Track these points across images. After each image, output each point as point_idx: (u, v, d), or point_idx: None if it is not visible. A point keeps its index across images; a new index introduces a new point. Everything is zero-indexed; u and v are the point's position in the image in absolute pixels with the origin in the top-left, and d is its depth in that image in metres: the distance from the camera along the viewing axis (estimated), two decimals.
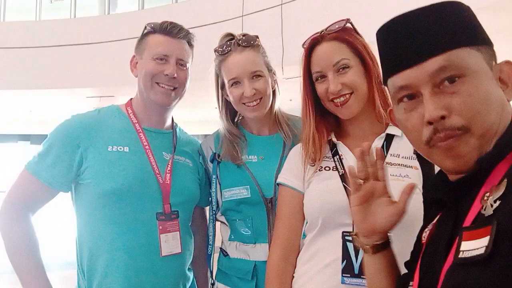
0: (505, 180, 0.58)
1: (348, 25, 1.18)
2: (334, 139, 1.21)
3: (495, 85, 0.66)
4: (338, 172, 1.15)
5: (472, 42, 0.66)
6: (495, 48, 0.69)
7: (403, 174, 1.09)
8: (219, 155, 1.45)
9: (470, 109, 0.63)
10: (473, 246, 0.56)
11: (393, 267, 0.86)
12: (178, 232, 1.36)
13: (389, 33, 0.71)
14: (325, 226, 1.14)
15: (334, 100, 1.15)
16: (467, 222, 0.61)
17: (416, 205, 1.06)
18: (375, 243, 0.84)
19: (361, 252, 1.04)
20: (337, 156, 1.18)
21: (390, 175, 1.07)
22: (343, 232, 1.10)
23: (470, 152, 0.64)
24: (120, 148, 1.34)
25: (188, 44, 1.45)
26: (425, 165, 1.09)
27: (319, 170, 1.19)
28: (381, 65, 0.75)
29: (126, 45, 7.38)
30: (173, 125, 1.52)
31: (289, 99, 1.78)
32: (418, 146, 0.71)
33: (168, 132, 1.48)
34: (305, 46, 1.19)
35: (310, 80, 1.19)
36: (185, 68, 1.43)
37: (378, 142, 1.16)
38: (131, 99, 1.49)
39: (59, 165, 1.30)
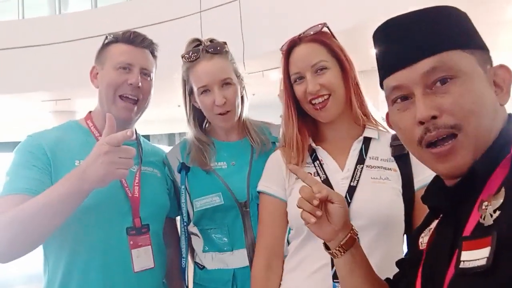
0: (503, 188, 0.59)
1: (325, 29, 1.20)
2: (313, 144, 1.21)
3: (489, 88, 0.67)
4: (320, 178, 1.15)
5: (466, 45, 0.67)
6: None
7: (383, 177, 1.10)
8: (187, 164, 1.42)
9: (462, 109, 0.64)
10: (473, 257, 0.56)
11: (364, 266, 0.87)
12: (150, 246, 1.32)
13: (383, 35, 0.72)
14: (311, 233, 1.14)
15: (312, 102, 1.15)
16: (467, 231, 0.61)
17: (398, 206, 1.08)
18: (341, 242, 0.85)
19: None
20: (317, 161, 1.18)
21: (371, 178, 1.10)
22: None
23: (463, 156, 0.64)
24: None
25: (152, 54, 1.41)
26: (404, 167, 1.11)
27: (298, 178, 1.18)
28: (378, 68, 0.75)
29: (80, 45, 7.14)
30: (137, 136, 1.47)
31: (252, 93, 1.78)
32: (411, 147, 0.71)
33: (132, 143, 1.41)
34: (283, 49, 1.20)
35: (290, 83, 1.20)
36: (149, 79, 1.38)
37: (357, 146, 1.17)
38: (90, 112, 1.43)
39: (34, 172, 1.22)
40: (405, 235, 1.11)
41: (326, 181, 1.14)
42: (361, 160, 1.14)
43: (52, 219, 1.12)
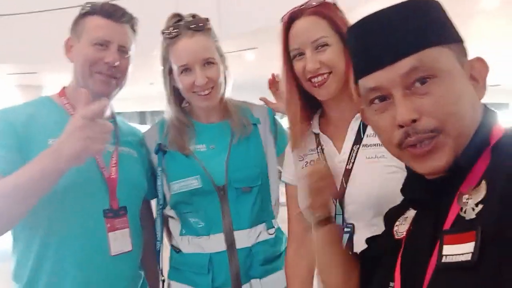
0: (484, 181, 0.58)
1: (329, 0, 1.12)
2: (315, 130, 1.18)
3: (467, 83, 0.65)
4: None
5: (443, 40, 0.64)
6: None
7: (378, 155, 1.06)
8: (164, 146, 1.37)
9: (442, 110, 0.62)
10: (456, 251, 0.56)
11: (338, 241, 0.93)
12: (127, 229, 1.28)
13: (359, 33, 0.69)
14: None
15: (311, 80, 1.10)
16: (447, 224, 0.61)
17: (395, 184, 1.06)
18: (322, 216, 0.92)
19: (344, 243, 1.06)
20: (320, 147, 1.16)
21: (366, 157, 1.07)
22: None
23: (444, 156, 0.63)
24: None
25: (132, 29, 1.34)
26: None
27: (305, 165, 1.17)
28: (352, 65, 0.73)
29: (48, 16, 6.84)
30: (113, 115, 1.41)
31: None
32: (390, 148, 0.70)
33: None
34: (283, 21, 1.13)
35: (289, 58, 1.13)
36: (127, 56, 1.32)
37: (355, 124, 1.13)
38: (64, 87, 1.36)
39: (4, 151, 1.16)
40: None
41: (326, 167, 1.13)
42: (358, 140, 1.11)
43: (24, 201, 1.07)
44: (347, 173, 1.08)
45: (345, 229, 1.07)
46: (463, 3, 4.81)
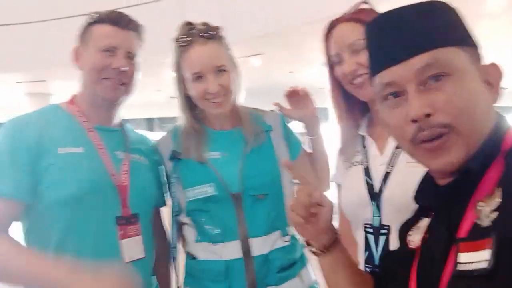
0: (499, 189, 0.58)
1: (365, 5, 1.16)
2: (361, 132, 1.21)
3: (481, 85, 0.66)
4: (363, 166, 1.15)
5: (458, 42, 0.66)
6: None
7: None
8: (178, 153, 1.38)
9: (455, 107, 0.63)
10: (472, 259, 0.56)
11: (348, 266, 0.87)
12: (140, 236, 1.29)
13: (376, 30, 0.70)
14: (354, 222, 1.16)
15: (353, 82, 1.13)
16: (463, 232, 0.60)
17: None
18: (325, 244, 0.85)
19: (380, 244, 1.07)
20: (365, 149, 1.18)
21: (407, 162, 1.06)
22: (364, 224, 1.12)
23: (456, 152, 0.64)
24: (73, 150, 1.23)
25: (137, 36, 1.36)
26: None
27: (350, 167, 1.20)
28: (369, 62, 0.74)
29: (56, 25, 6.92)
30: (121, 122, 1.43)
31: None
32: (403, 144, 0.70)
33: (117, 130, 1.39)
34: (324, 32, 1.18)
35: (332, 66, 1.18)
36: (134, 62, 1.34)
37: None
38: (74, 95, 1.37)
39: (20, 173, 1.17)
40: None
41: (367, 169, 1.14)
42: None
43: (31, 284, 1.15)
44: (386, 175, 1.09)
45: (382, 231, 1.08)
46: (468, 5, 4.79)
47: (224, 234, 1.32)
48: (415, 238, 0.75)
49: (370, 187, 1.11)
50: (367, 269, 1.09)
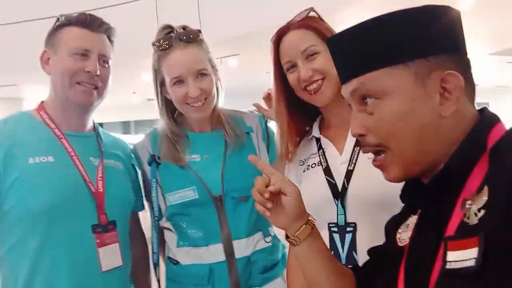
0: (486, 187, 0.58)
1: (313, 13, 1.18)
2: (316, 134, 1.22)
3: (423, 103, 0.64)
4: (322, 166, 1.16)
5: (397, 60, 0.64)
6: None
7: None
8: (158, 157, 1.36)
9: (383, 131, 0.67)
10: (460, 257, 0.56)
11: (323, 255, 0.87)
12: (117, 244, 1.26)
13: (331, 49, 0.76)
14: (317, 223, 1.15)
15: (307, 89, 1.14)
16: (450, 230, 0.61)
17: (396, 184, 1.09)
18: (296, 233, 0.85)
19: (347, 242, 1.09)
20: (321, 150, 1.19)
21: (367, 158, 1.05)
22: (328, 223, 1.12)
23: (392, 170, 0.70)
24: (44, 159, 1.19)
25: (109, 39, 1.32)
26: None
27: (307, 169, 1.20)
28: None
29: (28, 27, 6.74)
30: (95, 127, 1.39)
31: None
32: None
33: (91, 135, 1.35)
34: (272, 39, 1.19)
35: (280, 73, 1.19)
36: (107, 65, 1.30)
37: None
38: (42, 102, 1.33)
39: None
40: None
41: (327, 169, 1.15)
42: (358, 142, 1.13)
43: None
44: (349, 173, 1.11)
45: (348, 229, 1.09)
46: (440, 3, 4.90)
47: (207, 237, 1.31)
48: (404, 236, 0.76)
49: (332, 186, 1.12)
50: None
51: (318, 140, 1.21)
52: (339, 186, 1.11)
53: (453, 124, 0.66)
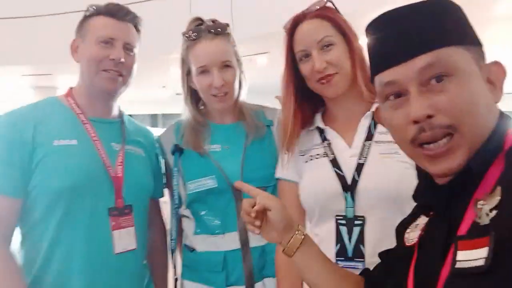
0: (499, 187, 0.57)
1: (329, 4, 1.17)
2: (321, 125, 1.21)
3: (483, 86, 0.65)
4: (328, 158, 1.15)
5: (462, 41, 0.64)
6: None
7: (392, 151, 1.08)
8: (180, 146, 1.39)
9: (457, 108, 0.62)
10: (470, 257, 0.56)
11: (320, 261, 0.88)
12: (132, 228, 1.28)
13: (378, 29, 0.69)
14: (322, 214, 1.15)
15: (320, 80, 1.13)
16: (462, 230, 0.60)
17: (408, 179, 1.05)
18: (287, 245, 0.87)
19: (354, 235, 1.08)
20: (326, 142, 1.18)
21: (380, 153, 1.09)
22: (336, 216, 1.11)
23: (458, 157, 0.63)
24: (67, 142, 1.23)
25: (135, 28, 1.35)
26: None
27: (310, 160, 1.19)
28: (370, 62, 0.73)
29: (63, 19, 6.93)
30: (120, 114, 1.42)
31: None
32: (403, 146, 0.69)
33: (115, 121, 1.38)
34: (286, 27, 1.17)
35: (292, 62, 1.17)
36: (132, 54, 1.33)
37: (365, 122, 1.15)
38: (71, 88, 1.37)
39: (15, 170, 1.18)
40: None
41: (334, 161, 1.14)
42: (369, 136, 1.13)
43: None
44: (360, 167, 1.10)
45: (356, 222, 1.08)
46: (478, 8, 4.76)
47: (224, 225, 1.34)
48: (412, 236, 0.75)
49: (341, 178, 1.10)
50: (339, 262, 1.09)
51: (321, 131, 1.20)
52: (348, 179, 1.10)
53: (494, 114, 0.65)
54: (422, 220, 0.74)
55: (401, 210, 1.04)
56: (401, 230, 0.80)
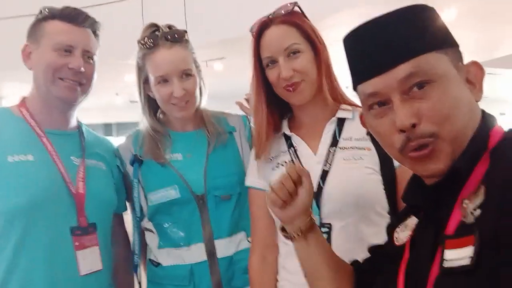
0: (482, 186, 0.59)
1: (296, 8, 1.15)
2: (287, 132, 1.21)
3: (464, 87, 0.66)
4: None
5: (439, 45, 0.66)
6: None
7: (356, 157, 1.10)
8: (140, 156, 1.35)
9: (440, 114, 0.63)
10: (457, 256, 0.57)
11: (323, 250, 0.88)
12: (97, 247, 1.23)
13: (356, 40, 0.70)
14: None
15: (287, 88, 1.12)
16: (449, 230, 0.61)
17: (372, 185, 1.08)
18: (301, 227, 0.86)
19: (333, 241, 1.07)
20: (292, 148, 1.17)
21: (343, 159, 1.10)
22: None
23: (443, 160, 0.65)
24: (23, 157, 1.16)
25: (94, 34, 1.29)
26: (379, 145, 1.12)
27: (277, 167, 1.18)
28: (350, 72, 0.74)
29: (7, 24, 6.59)
30: (78, 125, 1.35)
31: None
32: (392, 153, 0.71)
33: (73, 133, 1.32)
34: (253, 31, 1.16)
35: (260, 67, 1.16)
36: (91, 61, 1.27)
37: (329, 128, 1.16)
38: (24, 98, 1.29)
39: None
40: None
41: None
42: (334, 142, 1.14)
43: None
44: (324, 174, 1.11)
45: (322, 229, 1.08)
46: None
47: (188, 237, 1.31)
48: (401, 235, 0.76)
49: None
50: None
51: (287, 138, 1.20)
52: (314, 186, 1.09)
53: (476, 114, 0.67)
54: (412, 221, 0.76)
55: (366, 216, 1.08)
56: (390, 229, 0.82)
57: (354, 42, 0.71)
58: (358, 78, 0.71)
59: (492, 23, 5.49)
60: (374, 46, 0.67)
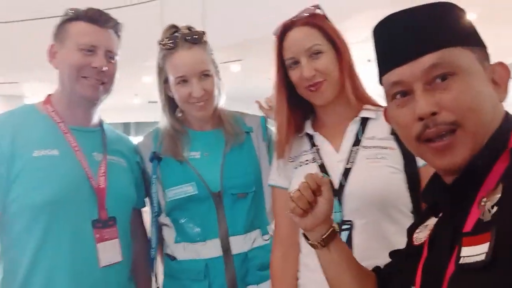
0: (501, 184, 0.59)
1: (318, 11, 1.18)
2: (310, 131, 1.21)
3: (488, 84, 0.67)
4: (317, 163, 1.16)
5: (467, 42, 0.67)
6: None
7: (379, 156, 1.10)
8: (159, 154, 1.38)
9: (461, 105, 0.64)
10: (473, 252, 0.57)
11: (346, 258, 0.88)
12: (117, 240, 1.26)
13: (384, 30, 0.72)
14: None
15: (309, 88, 1.13)
16: (467, 227, 0.62)
17: (395, 183, 1.08)
18: (323, 236, 0.86)
19: (343, 239, 1.05)
20: (315, 147, 1.19)
21: (366, 158, 1.11)
22: None
23: (462, 151, 0.65)
24: (48, 152, 1.20)
25: (116, 35, 1.34)
26: (403, 144, 1.12)
27: (300, 166, 1.19)
28: (377, 62, 0.75)
29: (30, 26, 6.76)
30: (100, 123, 1.40)
31: None
32: (409, 143, 0.72)
33: (95, 130, 1.36)
34: (276, 33, 1.18)
35: (283, 68, 1.18)
36: (113, 61, 1.32)
37: (353, 127, 1.17)
38: (50, 95, 1.33)
39: None
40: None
41: (322, 166, 1.14)
42: (357, 142, 1.14)
43: None
44: (347, 172, 1.11)
45: (344, 226, 1.08)
46: None
47: (204, 232, 1.33)
48: (421, 235, 0.77)
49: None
50: None
51: (310, 137, 1.21)
52: (336, 184, 1.11)
53: (499, 114, 0.68)
54: (431, 221, 0.76)
55: (388, 214, 1.08)
56: (411, 230, 0.82)
57: (384, 30, 0.72)
58: (384, 68, 0.72)
59: (505, 30, 5.40)
60: (401, 36, 0.69)
